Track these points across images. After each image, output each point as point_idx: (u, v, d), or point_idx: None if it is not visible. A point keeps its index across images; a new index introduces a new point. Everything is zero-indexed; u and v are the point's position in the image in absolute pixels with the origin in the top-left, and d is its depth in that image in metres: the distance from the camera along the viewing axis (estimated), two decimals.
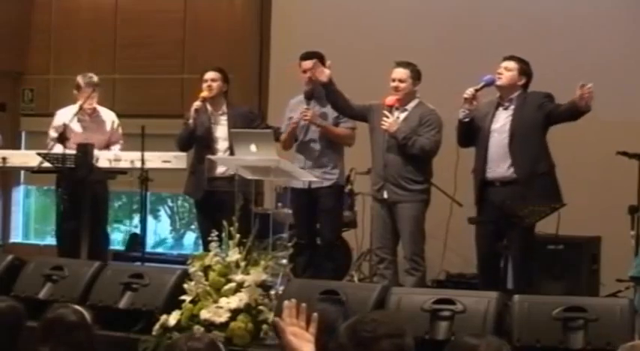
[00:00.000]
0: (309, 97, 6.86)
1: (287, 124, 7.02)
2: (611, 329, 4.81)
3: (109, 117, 7.70)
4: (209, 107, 7.19)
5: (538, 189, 6.15)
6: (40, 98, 10.71)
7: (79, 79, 7.59)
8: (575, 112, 6.08)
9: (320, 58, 6.85)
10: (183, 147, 7.26)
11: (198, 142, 7.17)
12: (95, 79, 7.60)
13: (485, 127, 6.25)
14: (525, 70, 6.30)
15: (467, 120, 6.26)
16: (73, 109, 7.57)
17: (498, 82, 6.27)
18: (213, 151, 7.03)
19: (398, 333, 2.77)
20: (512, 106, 6.25)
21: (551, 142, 6.42)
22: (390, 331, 2.76)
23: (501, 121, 6.25)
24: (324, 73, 6.58)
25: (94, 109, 7.61)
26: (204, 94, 7.12)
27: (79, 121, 7.56)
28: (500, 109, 6.29)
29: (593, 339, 4.81)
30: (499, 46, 7.36)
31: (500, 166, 6.21)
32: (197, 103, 7.08)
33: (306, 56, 6.89)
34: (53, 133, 7.43)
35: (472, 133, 6.32)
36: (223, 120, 7.17)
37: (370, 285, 6.49)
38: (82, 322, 3.61)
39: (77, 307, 3.74)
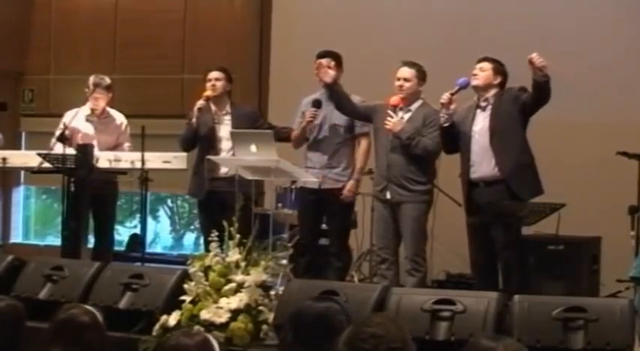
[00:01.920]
0: (317, 105, 6.83)
1: (299, 122, 7.00)
2: (612, 329, 4.81)
3: (118, 119, 7.69)
4: (213, 107, 7.18)
5: (520, 179, 6.15)
6: (40, 98, 10.71)
7: (91, 79, 7.58)
8: (537, 88, 6.00)
9: (336, 58, 6.85)
10: (186, 147, 7.25)
11: (201, 142, 7.15)
12: (106, 81, 7.59)
13: (466, 131, 6.27)
14: (500, 69, 6.30)
15: (447, 125, 6.27)
16: (80, 109, 7.56)
17: (474, 83, 6.27)
18: (217, 151, 7.02)
19: (400, 346, 2.72)
20: (490, 106, 6.26)
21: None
22: (391, 345, 2.71)
23: (481, 122, 6.25)
24: (329, 74, 6.58)
25: (104, 111, 7.60)
26: (208, 93, 7.10)
27: (87, 121, 7.56)
28: (479, 110, 6.29)
29: (593, 339, 4.80)
30: (500, 47, 7.37)
31: (483, 166, 6.21)
32: (200, 102, 7.07)
33: (322, 55, 6.87)
34: (57, 133, 7.44)
35: (454, 138, 6.33)
36: (227, 120, 7.16)
37: (370, 285, 6.49)
38: (94, 322, 3.60)
39: (89, 307, 3.73)
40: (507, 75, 6.32)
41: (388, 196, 6.49)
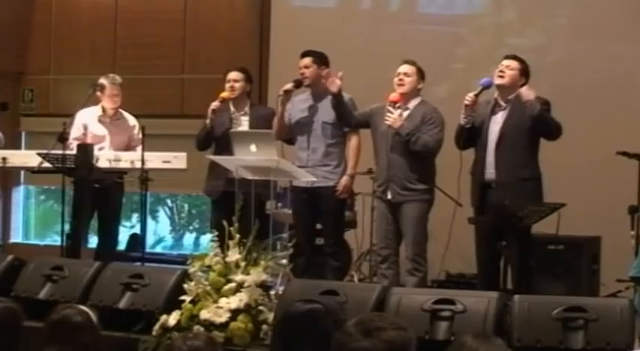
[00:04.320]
0: (298, 85, 6.88)
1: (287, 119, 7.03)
2: (611, 329, 4.81)
3: (130, 120, 7.67)
4: (231, 107, 7.18)
5: (520, 193, 6.13)
6: (40, 98, 10.70)
7: (103, 80, 7.55)
8: (534, 121, 6.07)
9: (321, 58, 6.89)
10: (200, 146, 7.22)
11: (217, 142, 7.13)
12: (119, 79, 7.59)
13: (484, 129, 6.26)
14: (526, 70, 6.30)
15: (468, 126, 6.27)
16: (94, 110, 7.55)
17: (500, 81, 6.25)
18: (232, 152, 6.98)
19: (403, 327, 2.80)
20: (509, 108, 6.24)
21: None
22: (395, 324, 2.80)
23: (499, 123, 6.25)
24: (335, 84, 6.58)
25: (116, 112, 7.58)
26: (225, 94, 7.07)
27: (99, 122, 7.54)
28: (498, 110, 6.28)
29: (593, 339, 4.81)
30: (499, 49, 7.38)
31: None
32: (215, 104, 7.04)
33: (303, 54, 6.94)
34: (75, 134, 7.44)
35: (472, 138, 6.33)
36: (245, 120, 7.14)
37: (370, 285, 6.49)
38: (88, 322, 3.60)
39: (83, 307, 3.72)
40: (529, 77, 6.32)
41: (389, 196, 6.49)
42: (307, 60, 6.90)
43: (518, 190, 6.14)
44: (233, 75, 7.16)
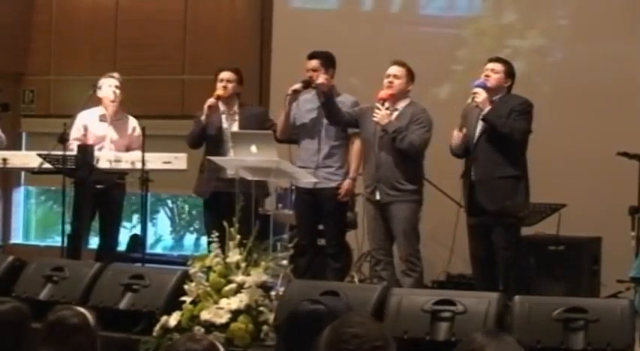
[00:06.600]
0: (306, 86, 6.88)
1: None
2: (612, 330, 4.82)
3: (131, 122, 7.64)
4: (222, 107, 7.18)
5: (496, 192, 6.16)
6: (40, 99, 10.71)
7: (106, 79, 7.52)
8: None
9: (328, 60, 6.90)
10: (193, 144, 7.21)
11: (208, 142, 7.14)
12: (116, 74, 7.57)
13: (471, 130, 6.30)
14: (511, 71, 6.33)
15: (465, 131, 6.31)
16: (95, 110, 7.54)
17: (487, 84, 6.28)
18: (224, 152, 6.99)
19: (382, 344, 2.70)
20: (489, 108, 6.26)
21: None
22: (374, 343, 2.68)
23: (481, 124, 6.27)
24: (324, 83, 6.58)
25: (117, 111, 7.56)
26: (220, 92, 7.09)
27: (101, 122, 7.52)
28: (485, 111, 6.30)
29: (593, 340, 4.81)
30: (500, 51, 7.38)
31: None
32: (211, 100, 7.05)
33: (310, 56, 6.93)
34: (75, 134, 7.43)
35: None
36: (235, 120, 7.16)
37: (371, 286, 6.49)
38: (84, 324, 3.59)
39: (80, 308, 3.72)
40: (515, 77, 6.34)
41: (378, 197, 6.48)
42: (315, 63, 6.88)
43: (494, 187, 6.16)
44: (227, 75, 7.15)
